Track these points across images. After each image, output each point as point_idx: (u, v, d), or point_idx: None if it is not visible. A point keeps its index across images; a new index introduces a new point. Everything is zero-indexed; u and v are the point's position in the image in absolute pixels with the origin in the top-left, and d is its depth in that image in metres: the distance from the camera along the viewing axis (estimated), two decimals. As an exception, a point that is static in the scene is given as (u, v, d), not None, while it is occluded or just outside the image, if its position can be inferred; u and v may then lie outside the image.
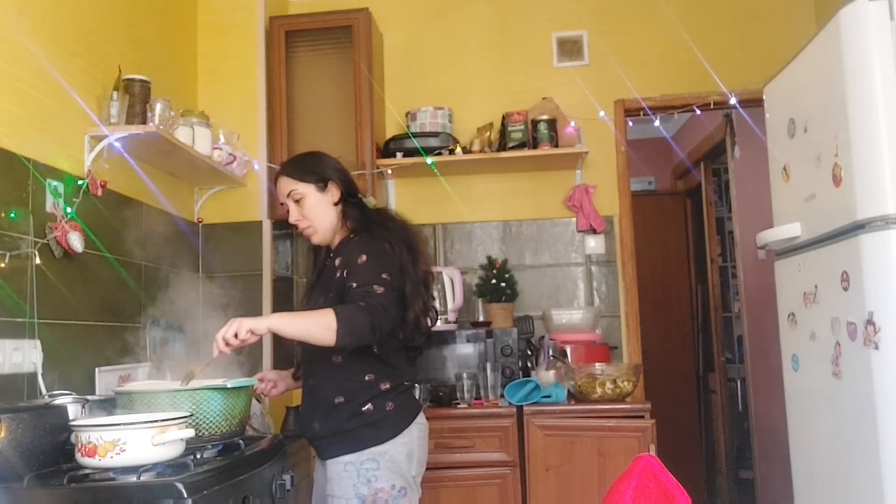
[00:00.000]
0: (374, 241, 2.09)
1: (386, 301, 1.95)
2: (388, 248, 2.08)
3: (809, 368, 2.47)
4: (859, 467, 2.13)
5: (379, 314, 1.91)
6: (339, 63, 3.44)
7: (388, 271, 2.01)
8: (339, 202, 2.18)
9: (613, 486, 1.70)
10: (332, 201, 2.17)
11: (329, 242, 2.22)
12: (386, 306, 1.94)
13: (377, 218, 2.19)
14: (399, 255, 2.10)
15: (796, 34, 3.21)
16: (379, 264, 2.02)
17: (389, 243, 2.10)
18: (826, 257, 2.30)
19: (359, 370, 2.05)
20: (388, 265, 2.04)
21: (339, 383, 2.06)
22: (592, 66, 3.68)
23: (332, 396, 2.06)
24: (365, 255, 2.03)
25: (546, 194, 3.66)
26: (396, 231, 2.16)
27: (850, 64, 2.11)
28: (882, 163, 2.04)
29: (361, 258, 2.03)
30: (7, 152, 2.06)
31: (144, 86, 2.56)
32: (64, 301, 2.25)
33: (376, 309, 1.91)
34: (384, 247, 2.08)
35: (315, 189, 2.15)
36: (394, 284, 2.01)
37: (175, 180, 3.04)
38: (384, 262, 2.04)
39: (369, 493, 1.99)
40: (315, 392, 2.12)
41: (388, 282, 1.99)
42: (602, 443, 2.81)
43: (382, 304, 1.93)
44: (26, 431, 1.62)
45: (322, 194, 2.16)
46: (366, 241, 2.09)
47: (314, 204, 2.15)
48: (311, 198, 2.15)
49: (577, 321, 3.34)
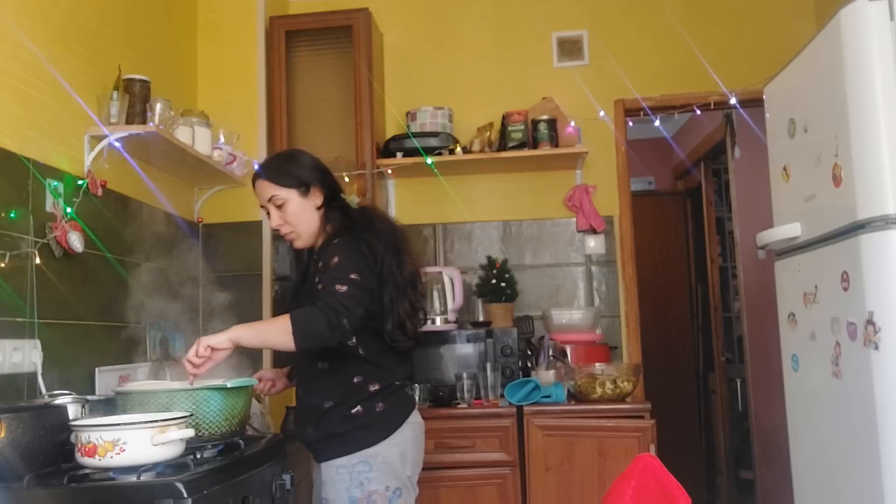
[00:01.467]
0: (352, 243, 2.04)
1: (347, 299, 1.90)
2: (364, 250, 2.04)
3: (809, 368, 2.47)
4: (859, 467, 2.13)
5: (337, 312, 1.86)
6: (339, 63, 3.44)
7: (356, 271, 1.96)
8: (321, 206, 2.13)
9: (613, 486, 1.69)
10: (314, 205, 2.13)
11: (312, 245, 2.18)
12: (346, 304, 1.88)
13: (361, 219, 2.15)
14: (379, 257, 2.06)
15: (796, 34, 3.21)
16: (348, 264, 1.97)
17: (369, 245, 2.06)
18: (826, 257, 2.30)
19: (346, 373, 2.03)
20: (359, 264, 1.99)
21: (327, 388, 2.05)
22: (592, 66, 3.68)
23: (321, 402, 2.05)
24: (337, 256, 1.99)
25: (546, 194, 3.66)
26: (382, 232, 2.12)
27: (850, 64, 2.11)
28: (882, 163, 2.03)
29: (334, 260, 1.99)
30: (7, 152, 2.06)
31: (144, 86, 2.56)
32: (64, 301, 2.25)
33: (333, 307, 1.86)
34: (360, 248, 2.03)
35: (297, 194, 2.10)
36: (364, 284, 1.96)
37: (175, 180, 3.04)
38: (355, 261, 1.99)
39: (363, 495, 1.98)
40: (304, 399, 2.12)
41: (356, 281, 1.94)
42: (602, 443, 2.81)
43: (342, 301, 1.88)
44: (26, 431, 1.62)
45: (304, 199, 2.11)
46: (342, 243, 2.04)
47: (297, 209, 2.10)
48: (293, 203, 2.10)
49: (577, 321, 3.34)
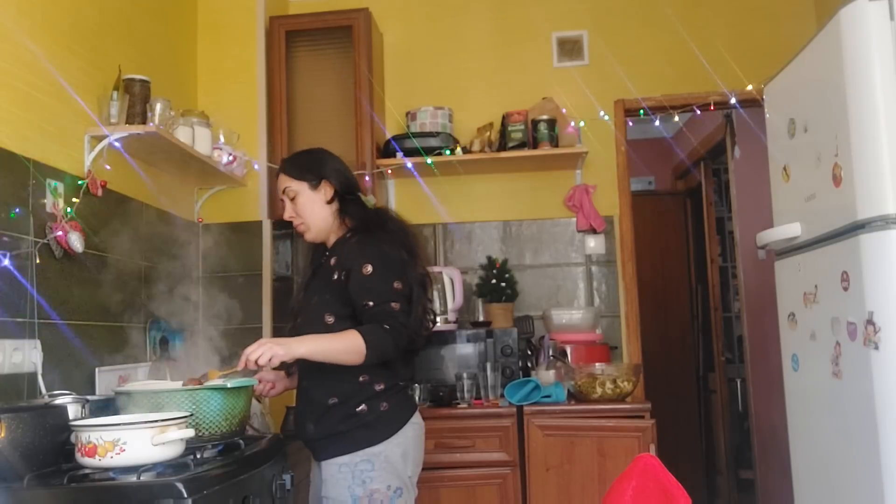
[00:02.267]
0: (375, 246, 2.09)
1: (404, 318, 2.03)
2: (389, 252, 2.09)
3: (809, 368, 2.47)
4: (859, 467, 2.13)
5: (400, 333, 2.00)
6: (339, 63, 3.44)
7: (397, 279, 2.06)
8: (332, 200, 2.19)
9: (613, 486, 1.70)
10: (324, 199, 2.19)
11: (323, 240, 2.23)
12: (404, 323, 2.03)
13: (376, 218, 2.20)
14: (400, 257, 2.11)
15: (796, 34, 3.21)
16: (387, 275, 2.05)
17: (388, 245, 2.10)
18: (826, 257, 2.30)
19: (353, 372, 2.04)
20: (395, 272, 2.07)
21: (332, 385, 2.06)
22: (592, 66, 3.68)
23: (325, 398, 2.06)
24: (370, 264, 2.04)
25: (546, 194, 3.66)
26: (395, 233, 2.17)
27: (850, 64, 2.11)
28: (882, 163, 2.03)
29: (367, 268, 2.04)
30: (7, 152, 2.06)
31: (144, 86, 2.56)
32: (64, 301, 2.25)
33: (398, 329, 2.00)
34: (385, 251, 2.08)
35: (308, 187, 2.18)
36: (405, 293, 2.07)
37: (175, 180, 3.04)
38: (391, 270, 2.07)
39: (364, 493, 1.99)
40: (308, 394, 2.13)
41: (401, 292, 2.05)
42: (602, 443, 2.81)
43: (402, 321, 2.02)
44: (26, 431, 1.63)
45: (314, 192, 2.18)
46: (365, 246, 2.09)
47: (305, 201, 2.18)
48: (303, 195, 2.18)
49: (577, 321, 3.34)
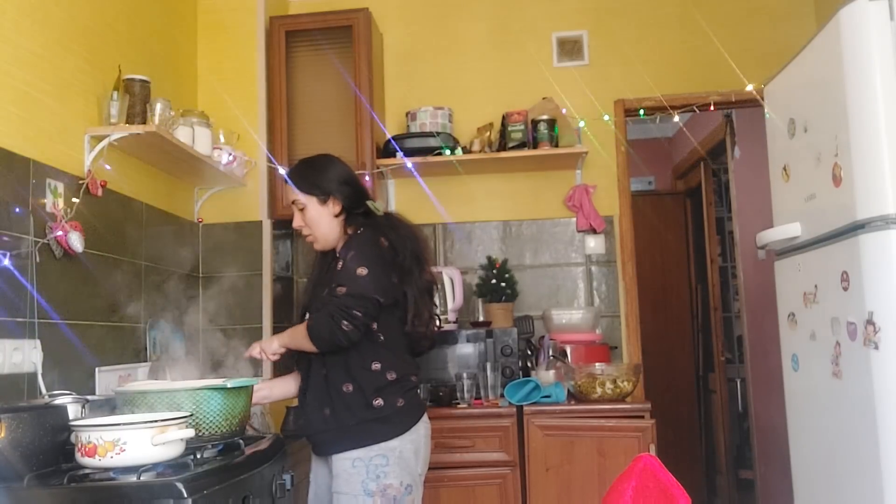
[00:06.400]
0: (369, 235, 2.13)
1: (346, 299, 2.01)
2: (380, 241, 2.11)
3: (809, 368, 2.47)
4: (859, 467, 2.13)
5: (333, 317, 2.00)
6: (339, 63, 3.44)
7: (365, 264, 2.06)
8: (340, 213, 2.22)
9: (613, 486, 1.69)
10: (332, 213, 2.22)
11: (332, 248, 2.27)
12: (343, 305, 2.00)
13: (385, 222, 2.23)
14: (399, 248, 2.14)
15: (796, 34, 3.21)
16: (359, 257, 2.07)
17: (389, 240, 2.13)
18: (826, 257, 2.30)
19: (366, 357, 2.09)
20: (370, 256, 2.08)
21: (348, 369, 2.09)
22: (592, 66, 3.69)
23: (340, 383, 2.09)
24: (353, 250, 2.09)
25: (546, 194, 3.66)
26: (405, 239, 2.19)
27: (850, 64, 2.11)
28: (882, 163, 2.03)
29: (350, 254, 2.08)
30: (7, 152, 2.06)
31: (144, 86, 2.56)
32: (64, 301, 2.25)
33: (331, 313, 2.00)
34: (376, 239, 2.11)
35: (317, 202, 2.22)
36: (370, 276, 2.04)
37: (175, 180, 3.04)
38: (366, 253, 2.08)
39: (378, 488, 2.01)
40: (325, 380, 2.13)
41: (360, 277, 2.04)
42: (602, 443, 2.80)
43: (343, 303, 2.01)
44: (26, 431, 1.62)
45: (323, 207, 2.22)
46: (360, 236, 2.14)
47: (315, 216, 2.22)
48: (311, 209, 2.22)
49: (577, 321, 3.34)
